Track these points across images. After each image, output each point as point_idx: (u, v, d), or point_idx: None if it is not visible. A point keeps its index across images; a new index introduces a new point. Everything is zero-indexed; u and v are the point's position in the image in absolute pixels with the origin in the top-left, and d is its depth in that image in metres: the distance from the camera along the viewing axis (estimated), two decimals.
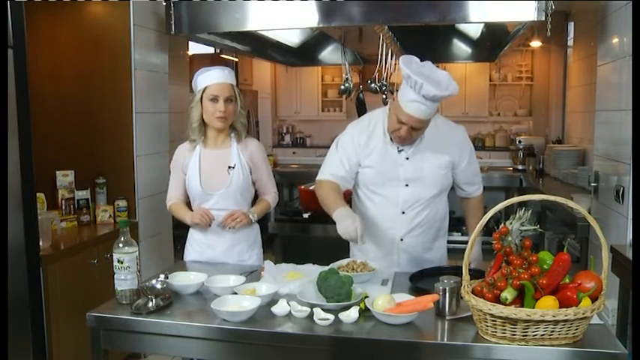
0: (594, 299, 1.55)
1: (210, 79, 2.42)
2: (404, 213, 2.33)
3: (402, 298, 1.84)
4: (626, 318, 2.51)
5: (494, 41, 5.04)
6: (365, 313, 1.79)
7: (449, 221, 2.50)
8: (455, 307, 1.78)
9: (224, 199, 2.48)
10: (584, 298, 1.53)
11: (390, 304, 1.76)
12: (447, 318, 1.77)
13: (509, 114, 7.92)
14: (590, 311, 1.51)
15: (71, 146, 3.33)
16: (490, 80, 7.82)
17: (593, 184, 3.22)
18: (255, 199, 2.65)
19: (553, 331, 1.52)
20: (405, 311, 1.74)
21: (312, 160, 6.03)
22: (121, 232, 1.96)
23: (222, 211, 2.48)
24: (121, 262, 1.92)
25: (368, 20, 3.07)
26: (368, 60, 6.01)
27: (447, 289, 1.77)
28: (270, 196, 2.63)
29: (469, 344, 1.61)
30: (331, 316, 1.75)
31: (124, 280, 1.93)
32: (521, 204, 1.64)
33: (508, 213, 1.88)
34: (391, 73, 4.63)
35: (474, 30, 4.89)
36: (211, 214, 2.45)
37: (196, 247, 2.57)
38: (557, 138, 5.66)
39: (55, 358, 2.68)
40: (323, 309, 1.81)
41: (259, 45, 4.71)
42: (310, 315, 1.78)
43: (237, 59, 6.71)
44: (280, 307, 1.83)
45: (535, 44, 6.72)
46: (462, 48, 5.85)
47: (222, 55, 6.28)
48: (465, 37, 5.45)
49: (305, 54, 5.77)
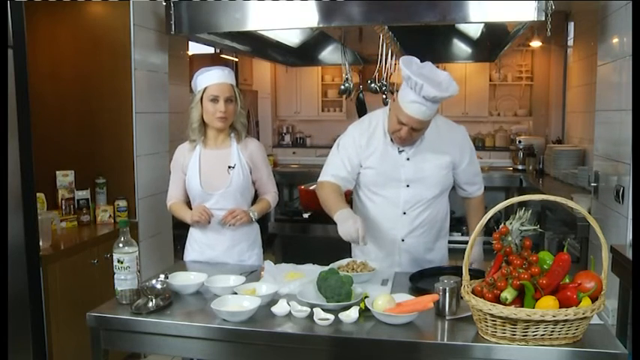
0: (594, 299, 1.55)
1: (210, 79, 2.43)
2: (405, 214, 2.33)
3: (402, 298, 1.84)
4: (626, 318, 2.51)
5: (494, 41, 5.04)
6: (365, 313, 1.78)
7: (449, 221, 2.50)
8: (455, 307, 1.78)
9: (224, 198, 2.48)
10: (584, 298, 1.53)
11: (390, 304, 1.76)
12: (447, 318, 1.77)
13: (509, 114, 7.93)
14: (590, 311, 1.51)
15: (71, 146, 3.33)
16: (490, 80, 7.82)
17: (593, 184, 3.22)
18: (255, 198, 2.65)
19: (553, 331, 1.52)
20: (405, 311, 1.74)
21: (312, 160, 6.03)
22: (121, 232, 1.96)
23: (222, 211, 2.47)
24: (121, 262, 1.92)
25: (368, 20, 3.07)
26: (368, 60, 6.01)
27: (447, 289, 1.77)
28: (270, 196, 2.63)
29: (469, 344, 1.61)
30: (331, 316, 1.75)
31: (124, 280, 1.93)
32: (521, 204, 1.64)
33: (508, 213, 1.89)
34: (391, 73, 4.63)
35: (474, 30, 4.89)
36: (210, 211, 2.45)
37: (196, 247, 2.57)
38: (557, 138, 5.66)
39: (55, 358, 2.68)
40: (323, 309, 1.81)
41: (259, 45, 4.71)
42: (310, 315, 1.78)
43: (237, 59, 6.71)
44: (280, 307, 1.83)
45: (535, 44, 6.72)
46: (462, 48, 5.85)
47: (222, 55, 6.28)
48: (465, 37, 5.46)
49: (305, 54, 5.76)
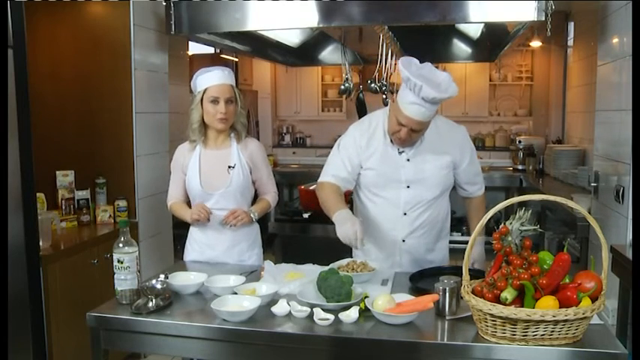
0: (594, 299, 1.55)
1: (211, 80, 2.42)
2: (405, 214, 2.33)
3: (402, 298, 1.84)
4: (626, 318, 2.51)
5: (494, 41, 5.04)
6: (365, 313, 1.78)
7: (450, 221, 2.50)
8: (455, 307, 1.78)
9: (224, 198, 2.48)
10: (584, 298, 1.53)
11: (390, 304, 1.76)
12: (447, 318, 1.77)
13: (509, 114, 7.93)
14: (590, 311, 1.51)
15: (71, 146, 3.33)
16: (490, 80, 7.82)
17: (593, 184, 3.22)
18: (255, 198, 2.65)
19: (553, 331, 1.52)
20: (405, 311, 1.74)
21: (312, 160, 6.03)
22: (121, 232, 1.96)
23: (222, 211, 2.48)
24: (121, 262, 1.92)
25: (368, 20, 3.07)
26: (368, 60, 6.01)
27: (447, 289, 1.77)
28: (270, 196, 2.63)
29: (469, 344, 1.61)
30: (331, 316, 1.75)
31: (124, 280, 1.93)
32: (521, 204, 1.64)
33: (508, 213, 1.89)
34: (391, 73, 4.63)
35: (474, 30, 4.89)
36: (208, 208, 2.45)
37: (196, 247, 2.57)
38: (557, 138, 5.66)
39: (55, 358, 2.68)
40: (323, 309, 1.81)
41: (259, 45, 4.71)
42: (310, 315, 1.78)
43: (237, 59, 6.71)
44: (280, 307, 1.83)
45: (535, 44, 6.72)
46: (462, 48, 5.85)
47: (222, 55, 6.28)
48: (465, 37, 5.46)
49: (305, 54, 5.77)
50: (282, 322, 1.78)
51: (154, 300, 1.86)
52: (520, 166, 5.47)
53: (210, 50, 5.84)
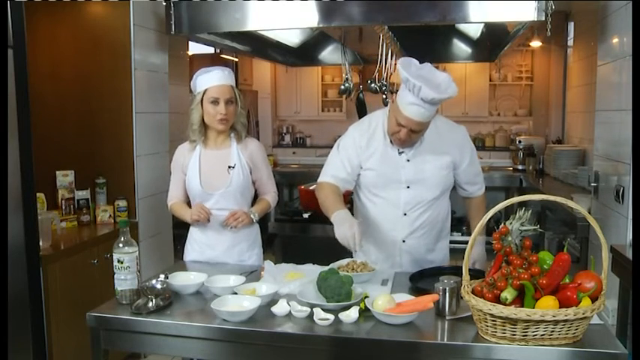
0: (594, 299, 1.55)
1: (211, 81, 2.42)
2: (405, 215, 2.33)
3: (402, 298, 1.84)
4: (626, 318, 2.51)
5: (494, 41, 5.04)
6: (365, 313, 1.78)
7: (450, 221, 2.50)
8: (455, 307, 1.78)
9: (224, 198, 2.48)
10: (584, 298, 1.53)
11: (390, 304, 1.76)
12: (447, 318, 1.77)
13: (509, 114, 7.93)
14: (590, 311, 1.51)
15: (71, 146, 3.33)
16: (490, 80, 7.82)
17: (593, 184, 3.22)
18: (255, 198, 2.65)
19: (553, 331, 1.52)
20: (405, 311, 1.74)
21: (312, 160, 6.03)
22: (121, 232, 1.96)
23: (222, 211, 2.48)
24: (121, 262, 1.92)
25: (368, 20, 3.07)
26: (368, 60, 6.01)
27: (447, 289, 1.77)
28: (270, 196, 2.63)
29: (469, 344, 1.61)
30: (331, 316, 1.75)
31: (124, 280, 1.93)
32: (521, 204, 1.64)
33: (508, 213, 1.88)
34: (391, 73, 4.64)
35: (474, 30, 4.89)
36: (208, 209, 2.45)
37: (196, 247, 2.57)
38: (557, 138, 5.66)
39: (55, 358, 2.68)
40: (323, 309, 1.81)
41: (259, 45, 4.71)
42: (310, 315, 1.78)
43: (237, 59, 6.71)
44: (280, 307, 1.83)
45: (535, 44, 6.72)
46: (462, 48, 5.85)
47: (222, 55, 6.28)
48: (465, 37, 5.46)
49: (305, 54, 5.77)
50: (282, 322, 1.78)
51: (153, 300, 1.86)
52: (520, 166, 5.48)
53: (210, 50, 5.84)
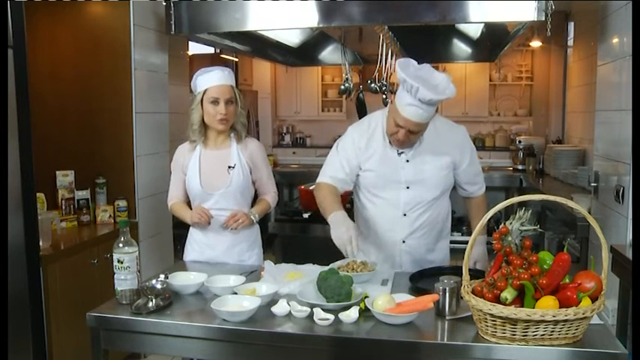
0: (594, 299, 1.55)
1: (211, 81, 2.42)
2: (405, 215, 2.33)
3: (402, 298, 1.84)
4: (626, 318, 2.51)
5: (494, 41, 5.04)
6: (365, 313, 1.78)
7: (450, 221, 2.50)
8: (455, 307, 1.78)
9: (224, 198, 2.48)
10: (584, 298, 1.53)
11: (390, 304, 1.76)
12: (447, 318, 1.77)
13: (509, 114, 7.93)
14: (590, 311, 1.51)
15: (71, 146, 3.33)
16: (490, 80, 7.82)
17: (593, 184, 3.22)
18: (255, 198, 2.65)
19: (553, 331, 1.52)
20: (405, 311, 1.74)
21: (312, 160, 6.03)
22: (121, 232, 1.96)
23: (222, 211, 2.48)
24: (121, 262, 1.92)
25: (368, 20, 3.07)
26: (368, 60, 6.01)
27: (447, 289, 1.77)
28: (270, 196, 2.63)
29: (469, 344, 1.61)
30: (331, 316, 1.75)
31: (124, 280, 1.93)
32: (521, 204, 1.64)
33: (508, 213, 1.88)
34: (391, 73, 4.63)
35: (474, 30, 4.89)
36: (209, 212, 2.45)
37: (196, 247, 2.57)
38: (557, 138, 5.66)
39: (55, 358, 2.68)
40: (323, 309, 1.81)
41: (259, 45, 4.71)
42: (310, 315, 1.78)
43: (237, 59, 6.71)
44: (280, 307, 1.83)
45: (535, 44, 6.72)
46: (462, 48, 5.85)
47: (222, 55, 6.28)
48: (465, 37, 5.46)
49: (305, 54, 5.76)
50: (282, 322, 1.78)
51: (154, 300, 1.86)
52: (520, 166, 5.48)
53: (210, 50, 5.84)
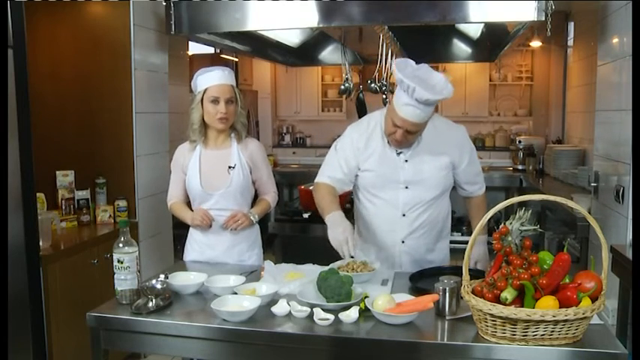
0: (594, 299, 1.55)
1: (211, 80, 2.42)
2: (404, 215, 2.33)
3: (402, 298, 1.84)
4: (626, 318, 2.51)
5: (494, 41, 5.04)
6: (365, 313, 1.78)
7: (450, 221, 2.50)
8: (455, 307, 1.78)
9: (224, 198, 2.48)
10: (584, 298, 1.53)
11: (390, 304, 1.76)
12: (447, 318, 1.77)
13: (509, 114, 7.92)
14: (590, 311, 1.51)
15: (71, 146, 3.33)
16: (490, 80, 7.81)
17: (593, 184, 3.22)
18: (255, 198, 2.65)
19: (553, 331, 1.52)
20: (405, 311, 1.74)
21: (312, 160, 6.04)
22: (121, 232, 1.96)
23: (222, 211, 2.48)
24: (121, 262, 1.92)
25: (368, 20, 3.07)
26: (368, 60, 6.01)
27: (447, 289, 1.77)
28: (270, 196, 2.63)
29: (469, 344, 1.61)
30: (331, 316, 1.75)
31: (124, 280, 1.93)
32: (521, 204, 1.64)
33: (508, 213, 1.88)
34: (391, 73, 4.61)
35: (474, 30, 4.89)
36: (211, 215, 2.45)
37: (196, 247, 2.57)
38: (557, 138, 5.67)
39: (55, 358, 2.68)
40: (323, 309, 1.81)
41: (259, 45, 4.71)
42: (310, 315, 1.78)
43: (237, 59, 6.71)
44: (280, 307, 1.83)
45: (535, 44, 6.72)
46: (462, 48, 5.85)
47: (222, 55, 6.28)
48: (465, 37, 5.46)
49: (305, 54, 5.77)
50: (282, 322, 1.78)
51: (154, 300, 1.86)
52: (520, 166, 5.48)
53: (210, 50, 5.84)
